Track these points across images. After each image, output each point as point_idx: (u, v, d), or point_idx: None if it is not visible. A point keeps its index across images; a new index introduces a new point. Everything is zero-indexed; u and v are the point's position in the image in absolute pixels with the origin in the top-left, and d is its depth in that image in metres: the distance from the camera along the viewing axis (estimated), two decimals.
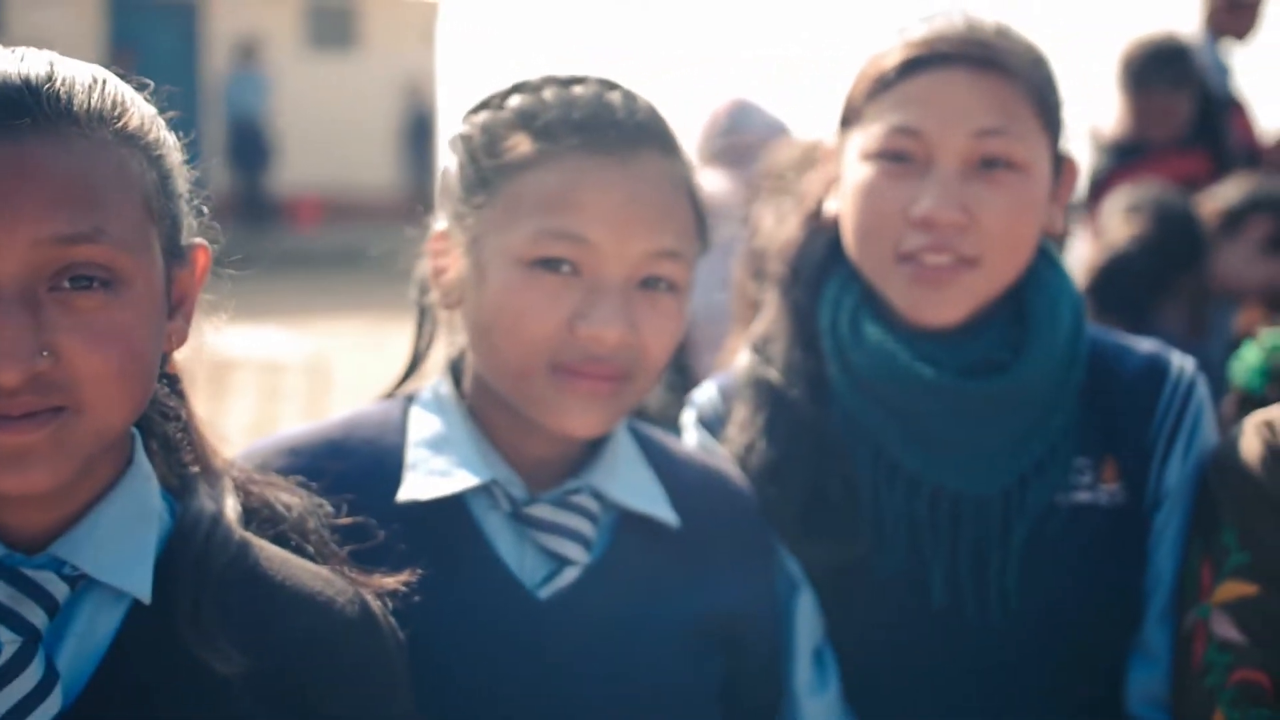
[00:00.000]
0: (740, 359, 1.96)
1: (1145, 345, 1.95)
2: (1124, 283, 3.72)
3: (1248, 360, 2.91)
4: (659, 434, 1.78)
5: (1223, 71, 6.28)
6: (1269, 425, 1.80)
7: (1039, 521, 1.83)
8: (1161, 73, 5.34)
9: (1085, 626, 1.83)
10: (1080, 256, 4.27)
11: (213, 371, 8.35)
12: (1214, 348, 3.90)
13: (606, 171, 1.56)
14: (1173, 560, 1.83)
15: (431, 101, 22.66)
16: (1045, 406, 1.85)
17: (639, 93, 1.63)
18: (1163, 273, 3.81)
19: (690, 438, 1.94)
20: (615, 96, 1.60)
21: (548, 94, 1.60)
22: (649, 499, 1.65)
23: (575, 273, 1.56)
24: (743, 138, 4.47)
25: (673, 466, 1.73)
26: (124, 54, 18.06)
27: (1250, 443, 1.79)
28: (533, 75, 1.64)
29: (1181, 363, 1.92)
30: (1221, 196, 4.16)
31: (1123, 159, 5.43)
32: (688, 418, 1.96)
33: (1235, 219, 4.07)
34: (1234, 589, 1.73)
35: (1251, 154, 6.09)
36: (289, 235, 19.44)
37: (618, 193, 1.55)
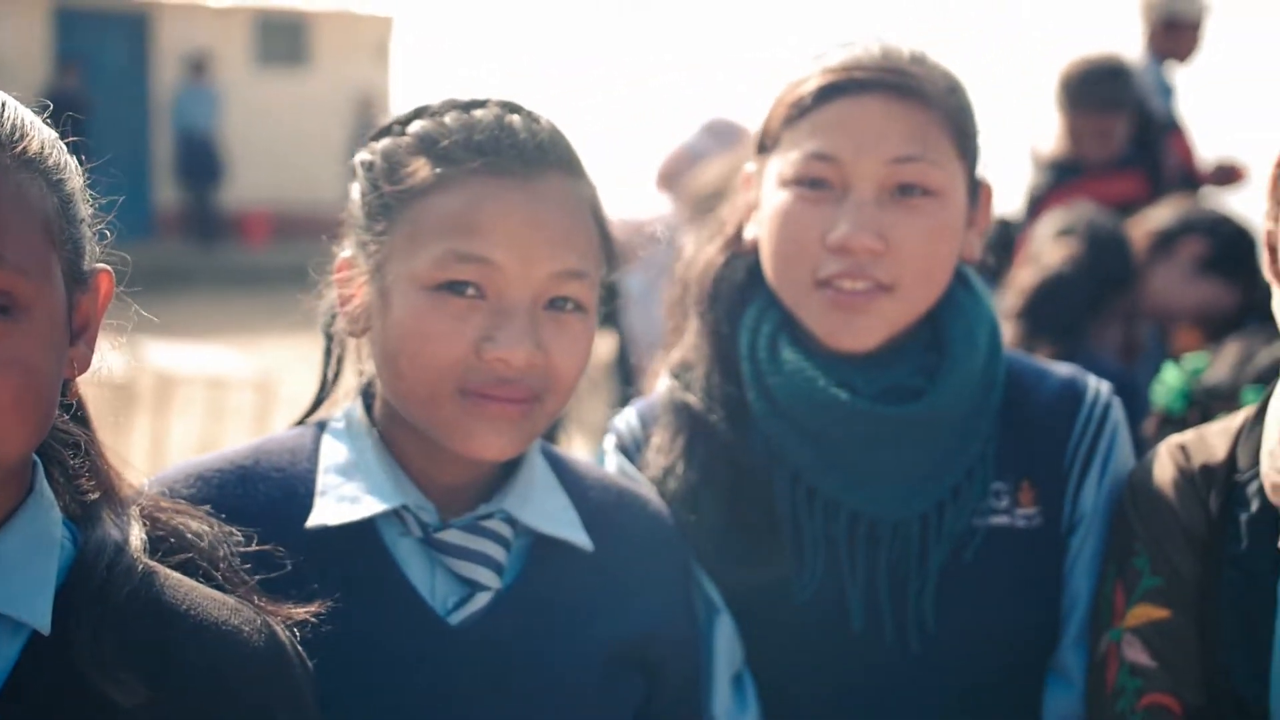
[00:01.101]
0: (660, 384, 1.97)
1: (1062, 369, 1.97)
2: (1058, 305, 3.73)
3: (1169, 382, 2.94)
4: (575, 458, 1.79)
5: (1165, 93, 6.34)
6: (1183, 449, 1.82)
7: (956, 545, 1.84)
8: (1098, 93, 5.38)
9: (1003, 649, 1.84)
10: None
11: (159, 388, 8.28)
12: (1146, 369, 3.94)
13: (509, 193, 1.56)
14: (1089, 583, 1.85)
15: (385, 117, 22.55)
16: (962, 431, 1.86)
17: (541, 114, 1.64)
18: (1096, 295, 3.83)
19: (610, 462, 1.94)
20: (516, 119, 1.60)
21: (448, 118, 1.60)
22: (562, 523, 1.65)
23: (480, 295, 1.55)
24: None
25: (588, 490, 1.73)
26: (70, 67, 17.94)
27: (1164, 466, 1.81)
28: (434, 100, 1.65)
29: (1097, 386, 1.94)
30: (1154, 218, 4.20)
31: (1060, 178, 5.48)
32: (607, 443, 1.97)
33: (1167, 240, 4.11)
34: (1145, 613, 1.75)
35: (1188, 176, 6.15)
36: (239, 251, 19.34)
37: (520, 214, 1.55)
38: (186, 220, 19.34)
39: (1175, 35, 6.30)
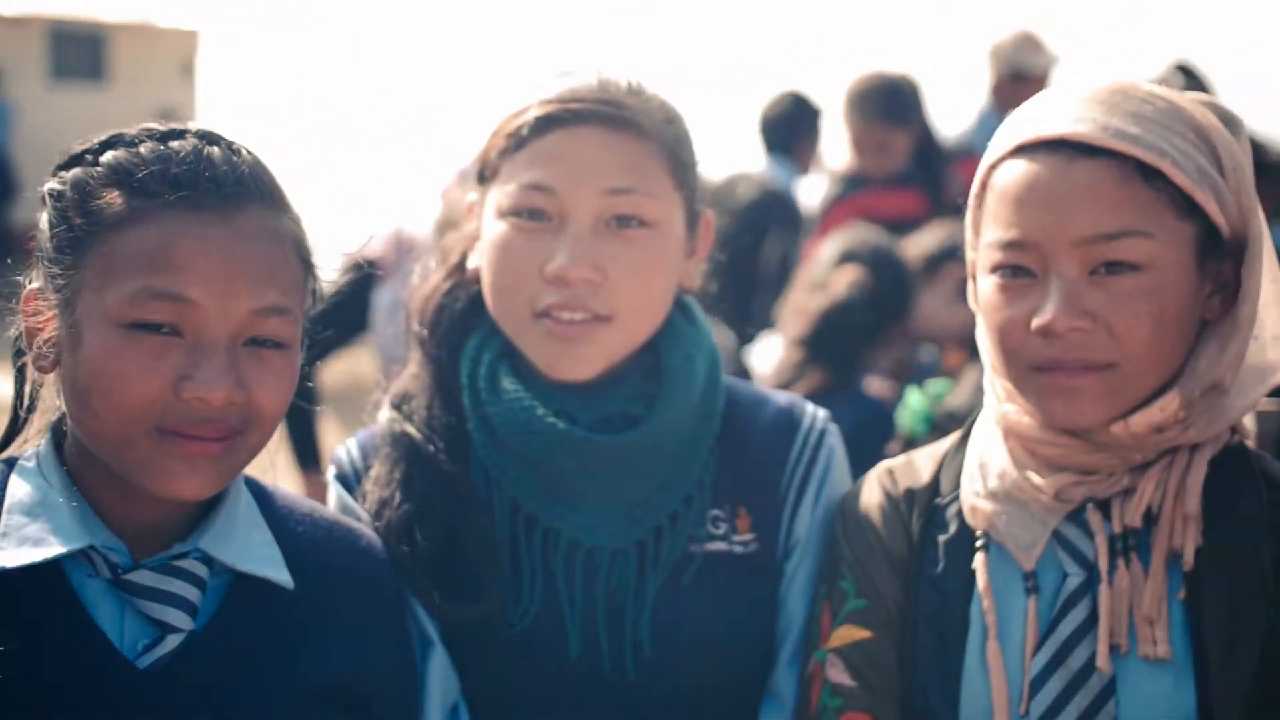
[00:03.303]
0: (382, 414, 1.95)
1: (780, 397, 2.01)
2: (843, 333, 3.73)
3: (911, 406, 3.01)
4: (285, 493, 1.75)
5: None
6: (890, 473, 1.87)
7: (673, 572, 1.86)
8: (878, 104, 5.53)
9: (720, 673, 1.87)
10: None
11: None
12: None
13: (206, 228, 1.52)
14: (803, 606, 1.89)
15: None
16: (680, 458, 1.89)
17: (242, 146, 1.61)
18: (878, 322, 3.85)
19: (330, 493, 1.92)
20: (216, 151, 1.57)
21: (144, 149, 1.56)
22: (262, 561, 1.62)
23: (177, 333, 1.52)
24: None
25: (296, 525, 1.70)
26: None
27: (871, 490, 1.86)
28: (130, 129, 1.61)
29: (814, 413, 1.98)
30: (921, 242, 4.30)
31: (845, 191, 5.62)
32: (329, 473, 1.95)
33: (933, 264, 4.20)
34: (848, 634, 1.79)
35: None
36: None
37: (219, 250, 1.52)
38: None
39: (1021, 87, 6.36)
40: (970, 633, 1.71)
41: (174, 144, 1.57)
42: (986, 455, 1.79)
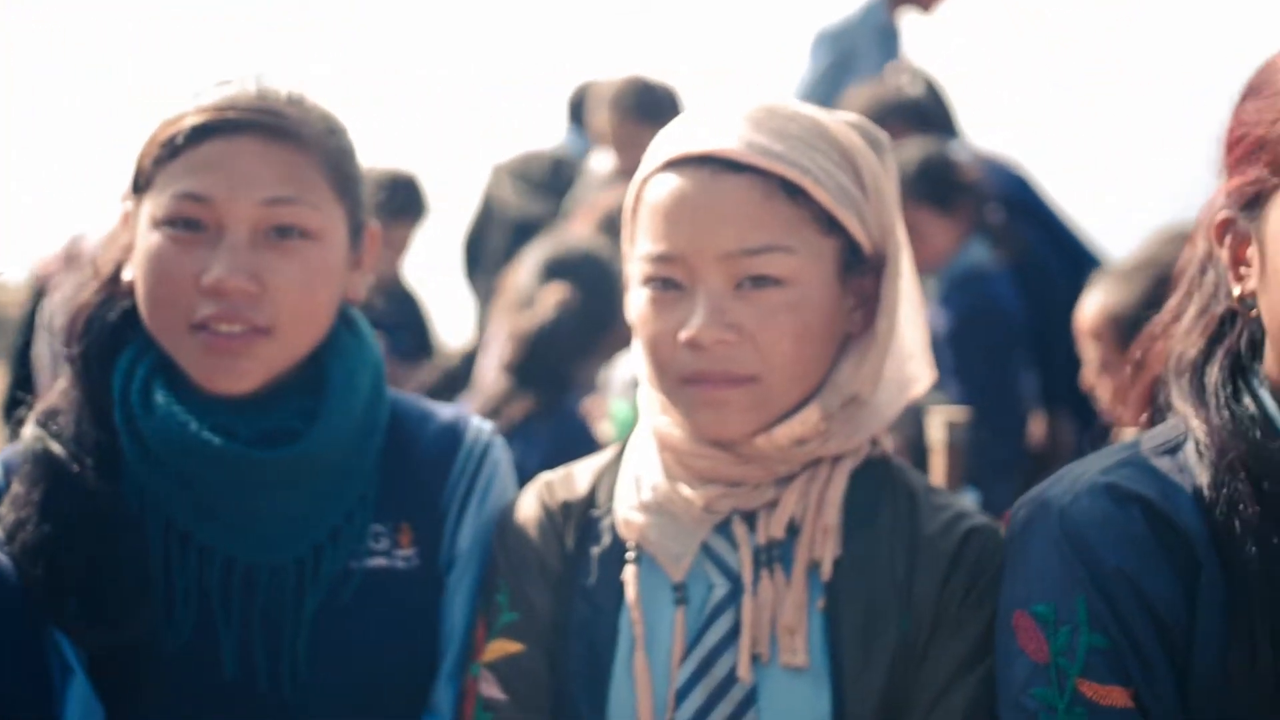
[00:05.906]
0: (25, 432, 1.88)
1: (446, 411, 2.00)
2: (552, 357, 3.57)
3: (619, 418, 3.04)
4: None
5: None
6: (549, 485, 1.88)
7: (333, 589, 1.84)
8: (632, 106, 5.73)
9: (380, 691, 1.84)
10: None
11: None
12: None
13: None
14: (464, 620, 1.88)
15: None
16: (341, 474, 1.86)
17: None
18: (589, 337, 3.69)
19: None
20: None
21: None
22: None
23: None
24: None
25: None
26: None
27: (529, 503, 1.86)
28: None
29: (479, 427, 1.98)
30: None
31: (601, 187, 5.72)
32: None
33: None
34: (501, 648, 1.79)
35: None
36: None
37: None
38: None
39: None
40: (619, 644, 1.73)
41: None
42: (641, 468, 1.80)
